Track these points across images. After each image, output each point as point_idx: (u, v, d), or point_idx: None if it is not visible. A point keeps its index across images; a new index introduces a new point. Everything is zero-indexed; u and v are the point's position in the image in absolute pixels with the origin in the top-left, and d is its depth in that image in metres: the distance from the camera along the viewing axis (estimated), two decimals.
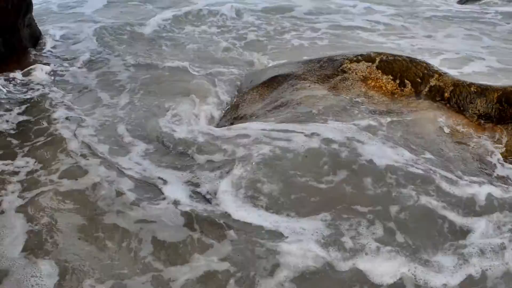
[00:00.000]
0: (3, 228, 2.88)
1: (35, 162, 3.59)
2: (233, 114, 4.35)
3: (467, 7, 8.72)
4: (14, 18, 5.45)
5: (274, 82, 4.40)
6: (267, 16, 7.91)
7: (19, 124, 4.29)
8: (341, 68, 4.28)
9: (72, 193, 3.16)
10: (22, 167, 3.55)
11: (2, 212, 3.04)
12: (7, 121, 4.31)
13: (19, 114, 4.52)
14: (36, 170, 3.47)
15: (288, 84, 4.28)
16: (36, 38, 5.87)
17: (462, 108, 3.90)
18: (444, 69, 4.34)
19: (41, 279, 2.52)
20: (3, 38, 5.39)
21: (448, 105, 3.94)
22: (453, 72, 4.76)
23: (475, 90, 3.93)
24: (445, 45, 6.43)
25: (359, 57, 4.30)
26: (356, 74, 4.19)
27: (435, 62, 5.34)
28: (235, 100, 4.69)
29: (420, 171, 3.18)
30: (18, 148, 3.84)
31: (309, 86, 4.14)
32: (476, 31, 7.18)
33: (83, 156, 3.61)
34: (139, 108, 4.55)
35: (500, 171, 3.35)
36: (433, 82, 4.05)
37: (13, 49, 5.52)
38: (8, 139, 3.97)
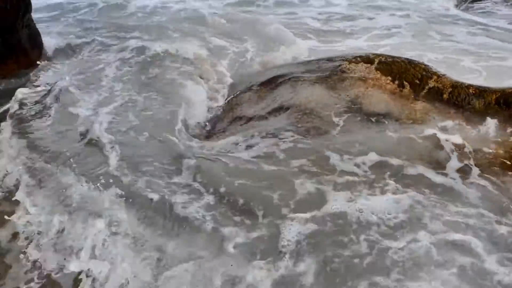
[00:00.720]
0: None
1: None
2: (232, 115, 4.35)
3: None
4: (13, 18, 5.44)
5: (273, 83, 4.41)
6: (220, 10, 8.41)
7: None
8: (340, 69, 4.27)
9: None
10: None
11: None
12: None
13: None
14: None
15: (287, 85, 4.28)
16: (35, 38, 5.86)
17: (460, 110, 3.90)
18: (437, 67, 4.37)
19: None
20: (2, 38, 5.39)
21: (446, 106, 3.94)
22: (378, 42, 6.47)
23: (473, 91, 3.93)
24: (380, 24, 7.71)
25: (358, 58, 4.30)
26: (355, 75, 4.19)
27: (367, 36, 7.08)
28: (233, 100, 4.69)
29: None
30: None
31: (308, 87, 4.14)
32: (410, 12, 8.40)
33: None
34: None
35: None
36: (431, 83, 4.05)
37: (12, 50, 5.52)
38: None
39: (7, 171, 3.66)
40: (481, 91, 3.93)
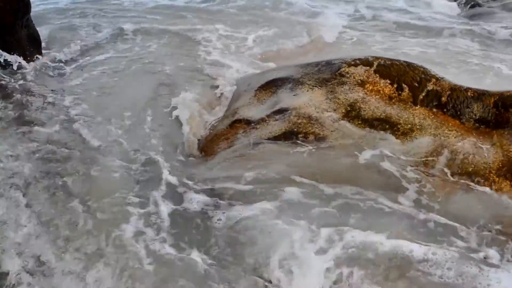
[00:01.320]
0: None
1: None
2: (231, 117, 4.37)
3: None
4: (12, 18, 5.43)
5: (273, 85, 4.42)
6: None
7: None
8: (339, 72, 4.28)
9: None
10: None
11: None
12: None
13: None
14: None
15: (286, 88, 4.30)
16: (34, 39, 5.85)
17: (459, 113, 3.93)
18: (439, 73, 4.39)
19: None
20: (1, 38, 5.38)
21: (444, 109, 3.97)
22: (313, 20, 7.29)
23: (471, 94, 3.95)
24: (326, 10, 8.33)
25: (357, 61, 4.31)
26: (354, 78, 4.20)
27: (311, 18, 7.78)
28: (233, 101, 4.72)
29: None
30: None
31: (307, 90, 4.16)
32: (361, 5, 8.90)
33: None
34: None
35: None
36: (430, 86, 4.07)
37: (11, 50, 5.51)
38: None
39: None
40: (480, 94, 3.95)
